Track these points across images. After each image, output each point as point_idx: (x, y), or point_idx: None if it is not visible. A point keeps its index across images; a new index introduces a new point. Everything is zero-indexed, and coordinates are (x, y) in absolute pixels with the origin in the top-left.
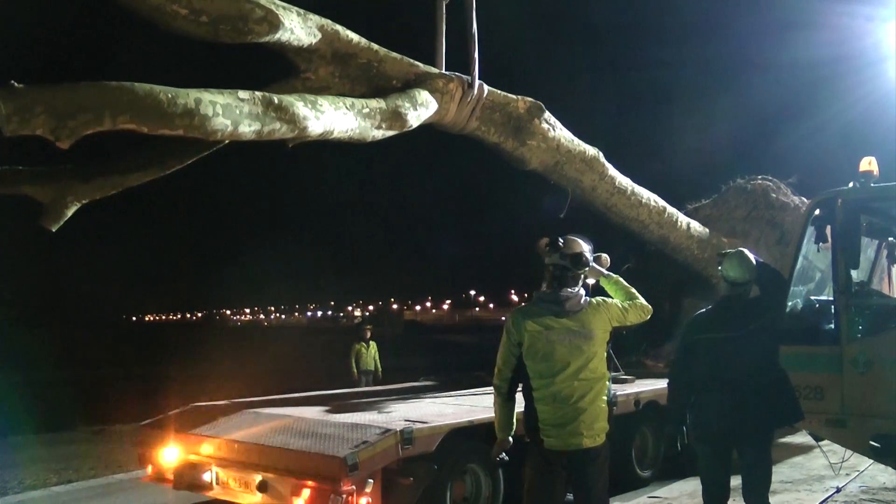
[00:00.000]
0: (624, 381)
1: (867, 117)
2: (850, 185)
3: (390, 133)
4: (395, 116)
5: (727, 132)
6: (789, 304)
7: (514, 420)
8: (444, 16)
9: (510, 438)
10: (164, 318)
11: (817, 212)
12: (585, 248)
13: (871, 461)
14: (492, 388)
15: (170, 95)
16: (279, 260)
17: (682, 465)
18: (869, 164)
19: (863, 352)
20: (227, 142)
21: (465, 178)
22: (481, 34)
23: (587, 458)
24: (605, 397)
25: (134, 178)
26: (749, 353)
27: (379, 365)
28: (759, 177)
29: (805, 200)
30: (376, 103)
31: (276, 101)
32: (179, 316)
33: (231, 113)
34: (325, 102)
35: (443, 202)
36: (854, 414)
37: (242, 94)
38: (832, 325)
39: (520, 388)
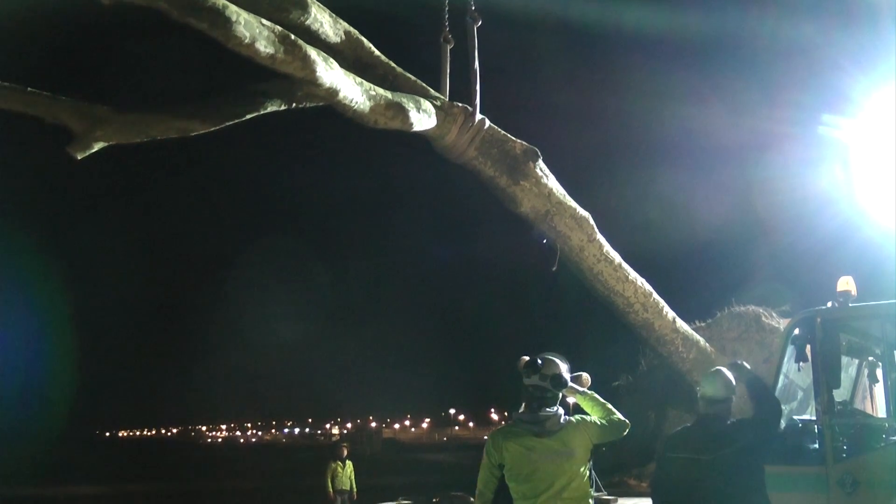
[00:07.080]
0: (606, 502)
1: (838, 237)
2: (829, 304)
3: (391, 125)
4: (398, 109)
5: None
6: None
7: None
8: (449, 57)
9: None
10: (139, 433)
11: (797, 331)
12: (563, 367)
13: None
14: None
15: None
16: (255, 375)
17: None
18: (846, 283)
19: (849, 472)
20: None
21: (444, 299)
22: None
23: None
24: None
25: (159, 129)
26: (724, 479)
27: (354, 485)
28: (751, 306)
29: None
30: (383, 91)
31: (292, 37)
32: (154, 431)
33: (252, 28)
34: (336, 64)
35: (421, 321)
36: None
37: (265, 21)
38: (816, 445)
39: None
